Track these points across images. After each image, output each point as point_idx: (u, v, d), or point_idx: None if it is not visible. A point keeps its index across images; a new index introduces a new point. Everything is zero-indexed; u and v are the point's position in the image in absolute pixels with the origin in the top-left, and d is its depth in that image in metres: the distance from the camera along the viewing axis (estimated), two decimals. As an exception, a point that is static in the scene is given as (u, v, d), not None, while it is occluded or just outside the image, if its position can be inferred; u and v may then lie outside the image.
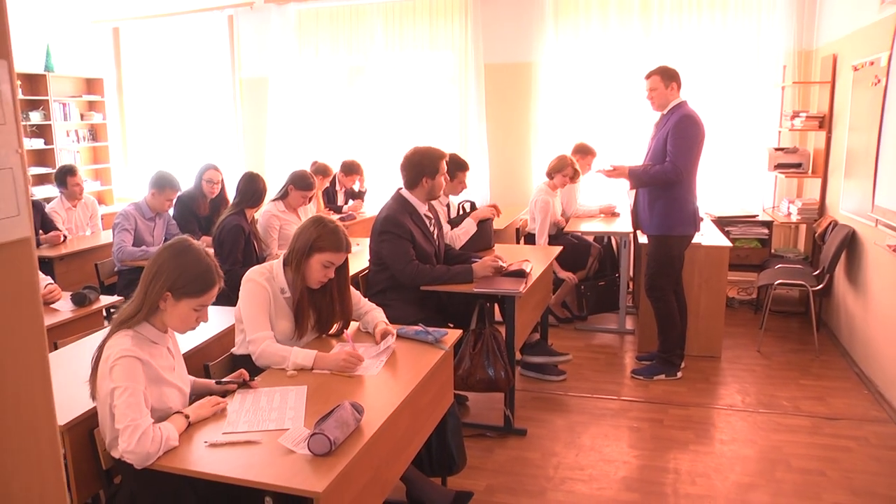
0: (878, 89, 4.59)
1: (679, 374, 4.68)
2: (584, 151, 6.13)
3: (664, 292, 4.63)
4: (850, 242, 5.14)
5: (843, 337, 5.24)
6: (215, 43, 8.07)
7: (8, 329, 1.12)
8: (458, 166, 4.81)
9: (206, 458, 2.00)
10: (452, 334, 3.05)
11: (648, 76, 4.57)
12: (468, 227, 4.74)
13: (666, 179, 4.43)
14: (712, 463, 3.57)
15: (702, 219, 4.88)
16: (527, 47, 6.95)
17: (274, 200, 5.04)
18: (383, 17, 7.31)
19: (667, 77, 4.50)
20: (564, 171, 5.70)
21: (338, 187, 6.76)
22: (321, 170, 6.22)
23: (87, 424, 2.17)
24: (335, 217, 4.37)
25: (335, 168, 6.62)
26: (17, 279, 1.13)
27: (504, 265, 3.98)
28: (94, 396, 2.15)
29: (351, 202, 6.83)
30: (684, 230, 4.56)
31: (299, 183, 4.98)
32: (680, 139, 4.37)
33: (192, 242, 2.29)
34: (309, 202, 5.15)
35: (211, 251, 2.40)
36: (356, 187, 6.86)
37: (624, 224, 5.86)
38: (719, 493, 3.29)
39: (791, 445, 3.73)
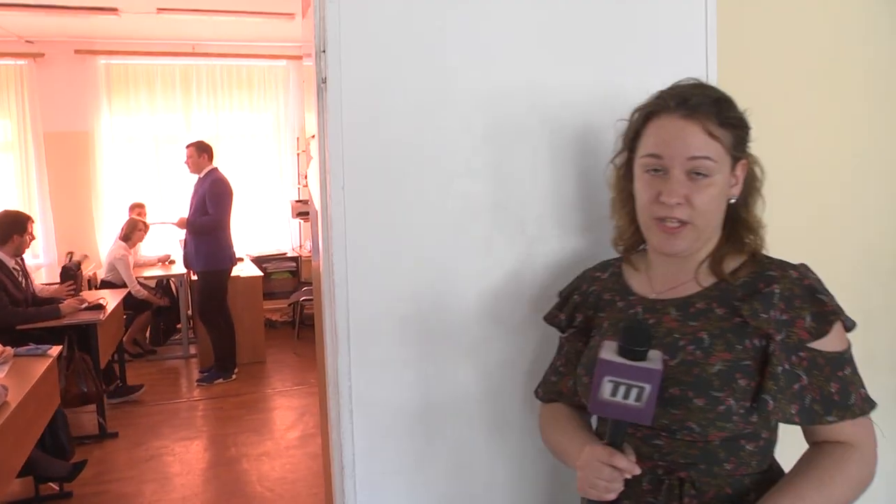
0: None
1: (234, 377, 6.10)
2: (139, 207, 7.34)
3: (213, 315, 6.02)
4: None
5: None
6: None
7: None
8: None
9: None
10: (56, 348, 4.15)
11: (187, 147, 5.97)
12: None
13: (210, 227, 5.87)
14: (259, 422, 5.12)
15: (241, 259, 6.40)
16: (83, 117, 7.71)
17: None
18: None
19: (199, 149, 5.96)
20: (138, 233, 6.79)
21: None
22: None
23: None
24: None
25: None
26: None
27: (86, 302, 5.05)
28: None
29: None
30: (224, 265, 6.04)
31: None
32: (215, 198, 5.86)
33: None
34: None
35: None
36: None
37: (179, 268, 7.13)
38: (268, 436, 4.84)
39: (314, 403, 5.36)
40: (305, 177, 7.93)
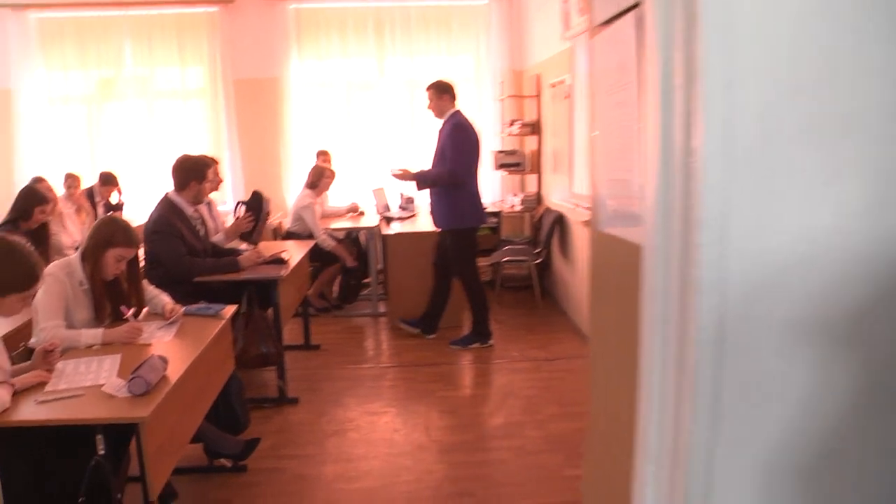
0: (567, 103, 5.73)
1: (491, 342, 5.34)
2: (324, 154, 7.03)
3: (466, 276, 5.29)
4: (559, 223, 6.23)
5: (561, 299, 6.33)
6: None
7: None
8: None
9: (39, 411, 2.28)
10: (229, 308, 3.55)
11: (427, 89, 5.26)
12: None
13: (444, 181, 5.12)
14: (457, 402, 4.35)
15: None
16: (273, 64, 7.41)
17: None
18: (131, 31, 7.37)
19: (439, 90, 5.19)
20: (325, 180, 6.37)
21: (97, 198, 6.76)
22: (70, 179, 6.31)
23: None
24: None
25: (90, 180, 6.69)
26: None
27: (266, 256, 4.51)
28: None
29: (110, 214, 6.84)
30: (470, 223, 5.24)
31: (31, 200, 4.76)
32: (453, 146, 5.07)
33: (13, 243, 2.47)
34: (47, 215, 5.00)
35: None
36: (114, 199, 6.88)
37: (368, 220, 6.59)
38: (465, 421, 4.07)
39: (519, 382, 4.61)
40: (510, 124, 7.12)
